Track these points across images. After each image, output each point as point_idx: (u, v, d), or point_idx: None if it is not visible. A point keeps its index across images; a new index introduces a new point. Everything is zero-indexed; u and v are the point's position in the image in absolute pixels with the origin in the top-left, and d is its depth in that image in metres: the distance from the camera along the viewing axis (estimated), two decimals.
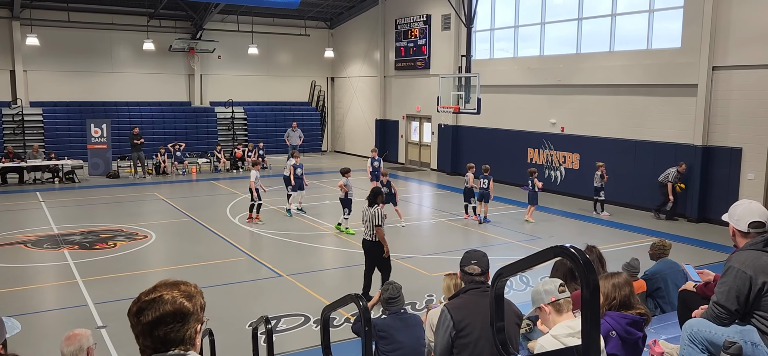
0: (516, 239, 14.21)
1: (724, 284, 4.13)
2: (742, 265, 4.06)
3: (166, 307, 2.00)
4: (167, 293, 2.03)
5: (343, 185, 14.50)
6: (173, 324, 2.00)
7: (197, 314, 2.07)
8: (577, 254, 2.35)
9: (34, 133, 25.20)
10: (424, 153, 26.80)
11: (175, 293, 2.04)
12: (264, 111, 30.28)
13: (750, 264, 4.04)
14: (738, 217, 4.28)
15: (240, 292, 10.40)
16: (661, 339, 5.59)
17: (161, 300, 2.01)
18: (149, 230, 14.66)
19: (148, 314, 1.99)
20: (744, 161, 15.31)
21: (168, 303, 2.00)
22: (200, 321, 2.09)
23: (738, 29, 15.16)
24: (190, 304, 2.04)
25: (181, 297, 2.03)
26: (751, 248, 4.13)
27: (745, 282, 4.02)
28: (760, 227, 4.18)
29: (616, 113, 18.27)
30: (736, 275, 4.06)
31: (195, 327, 2.06)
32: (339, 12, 30.66)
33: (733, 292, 4.06)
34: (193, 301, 2.06)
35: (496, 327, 3.19)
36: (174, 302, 2.01)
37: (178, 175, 23.73)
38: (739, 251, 4.20)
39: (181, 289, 2.07)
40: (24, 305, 9.65)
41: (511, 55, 22.17)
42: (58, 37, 25.75)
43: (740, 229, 4.24)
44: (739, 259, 4.12)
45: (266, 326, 6.18)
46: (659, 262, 7.76)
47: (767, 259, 4.04)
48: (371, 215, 9.73)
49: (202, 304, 2.11)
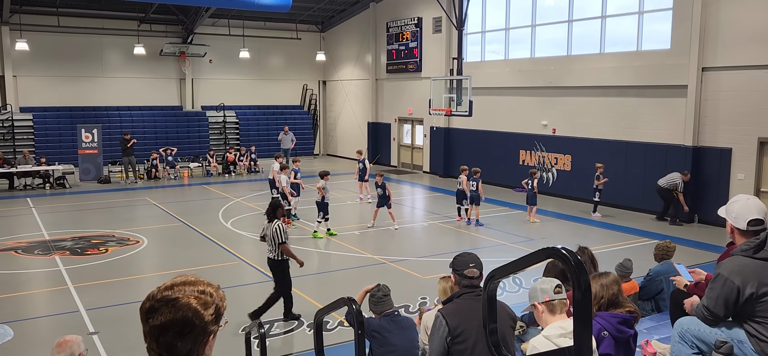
0: (509, 240, 14.25)
1: (712, 290, 4.15)
2: (730, 274, 4.05)
3: (178, 314, 1.83)
4: (183, 296, 1.86)
5: (321, 187, 14.49)
6: (182, 333, 1.84)
7: (211, 324, 1.89)
8: (568, 255, 2.36)
9: (25, 138, 25.03)
10: (417, 156, 26.83)
11: (191, 298, 1.86)
12: (256, 115, 30.22)
13: (738, 273, 4.03)
14: (736, 214, 4.22)
15: (233, 297, 10.36)
16: (653, 339, 5.63)
17: (175, 303, 1.84)
18: (141, 235, 14.60)
19: (158, 317, 1.83)
20: (734, 161, 15.42)
21: (181, 308, 1.83)
22: (214, 332, 1.91)
23: (726, 30, 15.28)
24: (205, 313, 1.87)
25: (196, 304, 1.86)
26: (741, 254, 4.10)
27: (732, 290, 4.03)
28: (759, 225, 4.14)
29: (607, 114, 18.36)
30: (724, 283, 4.06)
31: (207, 338, 1.90)
32: (330, 15, 30.67)
33: (721, 300, 4.09)
34: (208, 310, 1.88)
35: (489, 328, 3.20)
36: (188, 308, 1.84)
37: (169, 180, 23.64)
38: (728, 258, 4.20)
39: (199, 293, 1.89)
40: (15, 312, 9.58)
41: (503, 58, 22.24)
42: (48, 42, 25.61)
43: (739, 227, 4.19)
44: (727, 267, 4.10)
45: (259, 330, 6.17)
46: (661, 264, 7.74)
47: (755, 266, 4.01)
48: (273, 232, 8.88)
49: (220, 310, 1.93)
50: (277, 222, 8.91)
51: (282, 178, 15.54)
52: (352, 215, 17.50)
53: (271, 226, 8.95)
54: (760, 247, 4.02)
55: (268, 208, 9.17)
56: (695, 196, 16.16)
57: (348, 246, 13.69)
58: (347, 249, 13.46)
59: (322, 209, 14.48)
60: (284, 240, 8.83)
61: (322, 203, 14.46)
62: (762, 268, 3.98)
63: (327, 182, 14.63)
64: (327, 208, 14.51)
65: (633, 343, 4.25)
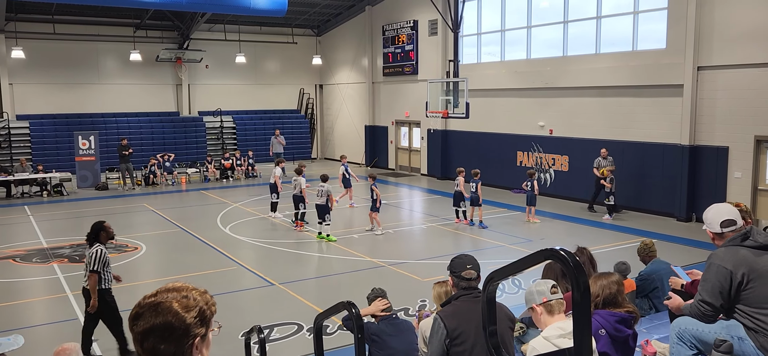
0: (507, 242, 14.26)
1: (706, 281, 4.24)
2: (721, 260, 4.19)
3: (158, 318, 1.85)
4: (165, 300, 1.89)
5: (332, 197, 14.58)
6: (163, 337, 1.85)
7: (195, 326, 1.89)
8: (566, 256, 2.37)
9: (21, 146, 25.00)
10: (414, 158, 26.85)
11: (173, 302, 1.88)
12: (253, 119, 30.22)
13: (729, 259, 4.16)
14: (710, 220, 4.48)
15: (232, 302, 10.36)
16: (653, 338, 5.64)
17: (157, 307, 1.87)
18: (139, 241, 14.58)
19: (142, 322, 1.86)
20: (731, 159, 15.46)
21: (161, 313, 1.86)
22: (199, 335, 1.91)
23: (721, 29, 15.33)
24: (186, 315, 1.88)
25: (177, 307, 1.87)
26: (730, 244, 4.26)
27: (725, 276, 4.13)
28: (732, 225, 4.35)
29: (604, 114, 18.40)
30: (716, 271, 4.18)
31: (191, 341, 1.89)
32: (326, 19, 30.69)
33: (716, 288, 4.17)
34: (190, 312, 1.89)
35: (489, 331, 3.21)
36: (168, 312, 1.86)
37: (167, 185, 23.61)
38: (718, 249, 4.33)
39: (182, 296, 1.91)
40: (14, 320, 9.56)
41: (499, 59, 22.28)
42: (43, 50, 25.59)
43: (714, 231, 4.43)
44: (718, 255, 4.26)
45: (259, 335, 6.17)
46: (652, 263, 7.82)
47: (745, 252, 4.16)
48: (89, 257, 7.61)
49: (206, 314, 1.95)
50: (97, 247, 7.66)
51: (301, 180, 15.19)
52: (347, 219, 17.49)
53: (89, 250, 7.69)
54: (746, 236, 4.21)
55: (90, 232, 7.81)
56: (693, 194, 16.19)
57: (346, 250, 13.69)
58: (345, 253, 13.46)
59: (326, 212, 14.48)
60: (95, 268, 7.53)
61: (323, 207, 14.47)
62: (750, 254, 4.15)
63: (327, 185, 14.66)
64: (328, 211, 14.52)
65: (632, 342, 4.26)
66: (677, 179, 16.38)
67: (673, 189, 16.52)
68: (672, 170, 16.50)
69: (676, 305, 4.65)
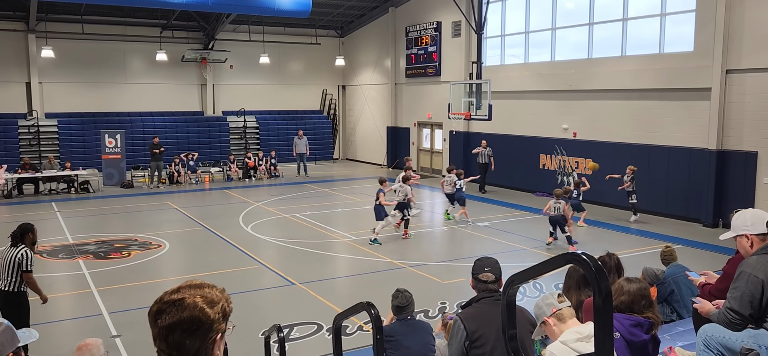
0: (529, 245, 14.13)
1: (736, 289, 4.11)
2: (753, 270, 4.06)
3: (184, 313, 1.91)
4: (189, 296, 1.94)
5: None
6: (189, 331, 1.91)
7: (218, 322, 1.96)
8: (588, 261, 2.33)
9: (50, 144, 25.48)
10: (436, 160, 26.77)
11: (197, 298, 1.94)
12: (276, 120, 30.41)
13: (761, 269, 4.03)
14: (751, 222, 4.28)
15: (252, 301, 10.42)
16: (676, 346, 5.54)
17: (181, 303, 1.92)
18: (163, 239, 14.75)
19: (166, 317, 1.91)
20: (760, 164, 15.13)
21: (187, 308, 1.91)
22: (220, 331, 1.98)
23: (751, 32, 15.02)
24: (210, 311, 1.94)
25: (202, 303, 1.93)
26: (763, 252, 4.11)
27: (757, 286, 4.01)
28: None
29: (629, 117, 18.14)
30: (747, 280, 4.05)
31: (214, 336, 1.96)
32: (349, 20, 30.77)
33: (746, 297, 4.04)
34: (214, 308, 1.95)
35: (508, 334, 3.18)
36: (194, 307, 1.92)
37: (191, 184, 23.87)
38: (750, 256, 4.19)
39: (205, 293, 1.97)
40: (38, 314, 9.70)
41: (522, 61, 22.11)
42: (72, 49, 26.06)
43: (759, 232, 4.22)
44: (750, 264, 4.12)
45: (279, 334, 6.19)
46: (669, 267, 7.81)
47: None
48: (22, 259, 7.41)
49: (226, 311, 2.00)
50: (22, 248, 7.46)
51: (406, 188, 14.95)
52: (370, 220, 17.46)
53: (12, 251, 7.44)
54: None
55: (17, 231, 7.59)
56: (720, 200, 15.89)
57: (367, 251, 13.68)
58: (367, 253, 13.46)
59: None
60: (28, 268, 7.43)
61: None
62: None
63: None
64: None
65: (651, 349, 4.18)
66: (704, 185, 16.08)
67: (699, 194, 16.23)
68: (699, 175, 16.21)
69: (706, 310, 4.56)
